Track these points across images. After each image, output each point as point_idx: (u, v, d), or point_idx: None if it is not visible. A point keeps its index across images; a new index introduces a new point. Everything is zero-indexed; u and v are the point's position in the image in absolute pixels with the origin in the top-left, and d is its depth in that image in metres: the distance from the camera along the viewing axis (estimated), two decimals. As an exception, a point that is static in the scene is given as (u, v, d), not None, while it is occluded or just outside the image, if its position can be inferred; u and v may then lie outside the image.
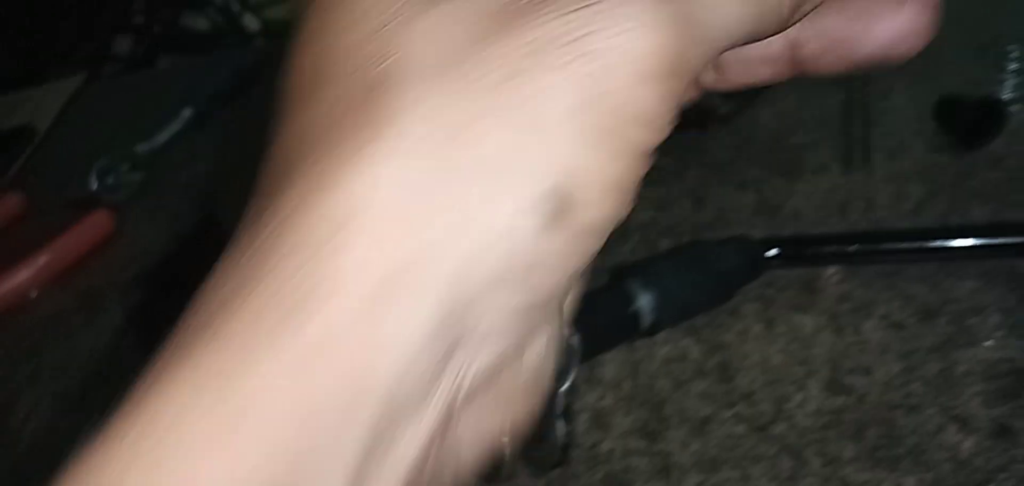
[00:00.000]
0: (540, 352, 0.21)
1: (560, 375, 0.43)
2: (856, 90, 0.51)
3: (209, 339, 0.16)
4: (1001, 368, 0.40)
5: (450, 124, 0.16)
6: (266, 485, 0.15)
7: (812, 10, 0.20)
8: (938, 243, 0.43)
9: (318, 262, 0.16)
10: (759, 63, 0.25)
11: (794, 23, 0.20)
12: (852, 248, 0.45)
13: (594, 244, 0.17)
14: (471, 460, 0.20)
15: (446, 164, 0.16)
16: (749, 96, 0.54)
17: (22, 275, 0.70)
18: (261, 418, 0.15)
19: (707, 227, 0.53)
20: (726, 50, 0.18)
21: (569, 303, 0.23)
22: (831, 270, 0.47)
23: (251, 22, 1.28)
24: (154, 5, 1.23)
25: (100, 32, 1.19)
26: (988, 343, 0.41)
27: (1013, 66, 0.52)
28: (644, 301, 0.43)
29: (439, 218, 0.16)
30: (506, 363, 0.19)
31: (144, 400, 0.15)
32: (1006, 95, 0.52)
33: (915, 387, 0.41)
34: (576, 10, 0.16)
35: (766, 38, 0.20)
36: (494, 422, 0.20)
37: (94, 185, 0.74)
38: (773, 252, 0.45)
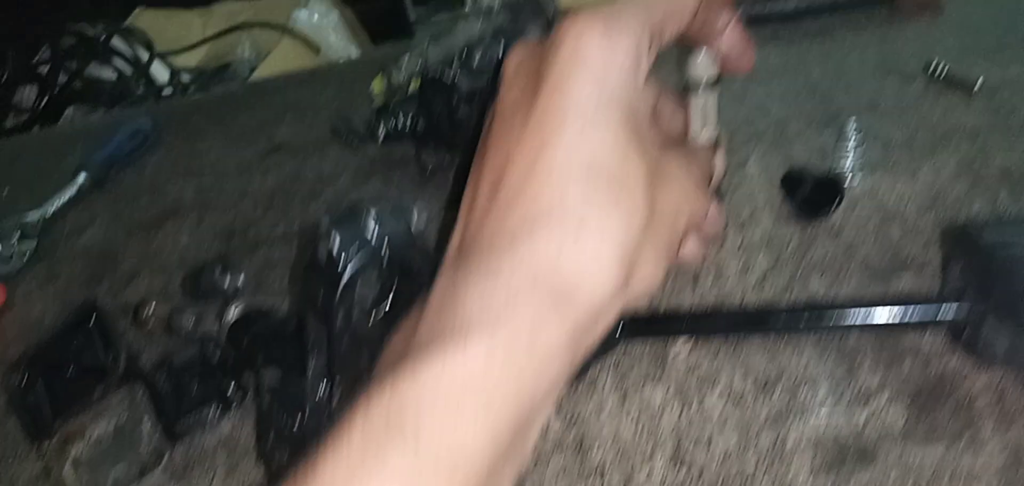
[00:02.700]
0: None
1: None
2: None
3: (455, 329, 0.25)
4: (827, 439, 0.43)
5: None
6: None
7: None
8: (771, 320, 0.46)
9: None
10: None
11: None
12: (696, 324, 0.47)
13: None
14: None
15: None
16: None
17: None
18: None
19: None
20: None
21: None
22: (681, 340, 0.49)
23: (160, 72, 1.28)
24: (59, 56, 1.22)
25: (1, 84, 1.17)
26: (817, 414, 0.44)
27: (852, 139, 0.55)
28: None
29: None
30: None
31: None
32: (847, 167, 0.56)
33: (749, 459, 0.44)
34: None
35: None
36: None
37: (-19, 256, 0.74)
38: (623, 327, 0.48)
